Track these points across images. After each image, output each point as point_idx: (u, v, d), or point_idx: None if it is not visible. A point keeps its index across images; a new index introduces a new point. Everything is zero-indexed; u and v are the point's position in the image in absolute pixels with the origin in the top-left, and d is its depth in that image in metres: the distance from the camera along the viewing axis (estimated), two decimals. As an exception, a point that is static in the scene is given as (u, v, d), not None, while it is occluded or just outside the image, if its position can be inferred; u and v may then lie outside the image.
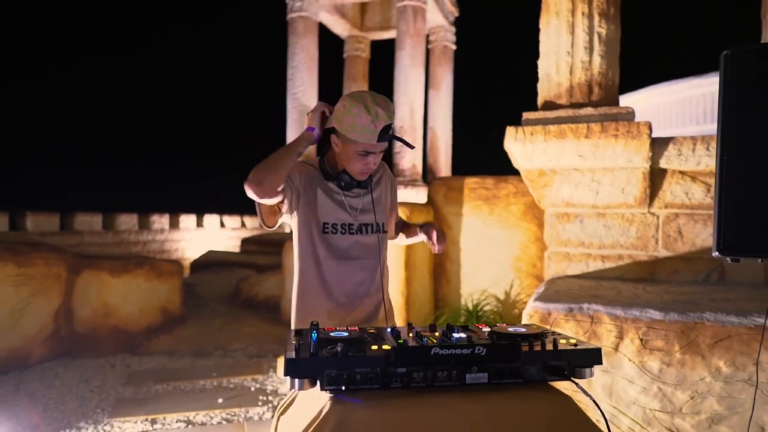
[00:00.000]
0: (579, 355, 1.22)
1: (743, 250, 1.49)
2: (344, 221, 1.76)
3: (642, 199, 3.90)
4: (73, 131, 32.38)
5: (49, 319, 4.65)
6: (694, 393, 2.81)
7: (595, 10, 4.05)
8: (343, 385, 1.13)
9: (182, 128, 34.71)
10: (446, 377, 1.17)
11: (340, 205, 1.76)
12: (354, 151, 1.65)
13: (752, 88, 1.48)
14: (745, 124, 1.48)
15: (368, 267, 1.79)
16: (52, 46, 34.28)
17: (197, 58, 39.11)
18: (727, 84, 1.51)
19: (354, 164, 1.68)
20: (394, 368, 1.14)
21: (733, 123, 1.50)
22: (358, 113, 1.61)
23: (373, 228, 1.80)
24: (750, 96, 1.48)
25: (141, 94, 35.80)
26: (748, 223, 1.48)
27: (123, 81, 36.28)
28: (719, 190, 1.51)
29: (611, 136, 3.77)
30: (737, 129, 1.49)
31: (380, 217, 1.82)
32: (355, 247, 1.77)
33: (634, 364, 2.93)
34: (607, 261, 4.09)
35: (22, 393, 3.86)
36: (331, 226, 1.74)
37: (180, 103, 35.64)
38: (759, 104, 1.46)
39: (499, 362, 1.17)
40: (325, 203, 1.74)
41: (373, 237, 1.80)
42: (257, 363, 4.71)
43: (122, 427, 3.27)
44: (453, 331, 1.34)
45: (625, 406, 2.94)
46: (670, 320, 2.92)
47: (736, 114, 1.50)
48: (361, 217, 1.79)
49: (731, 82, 1.51)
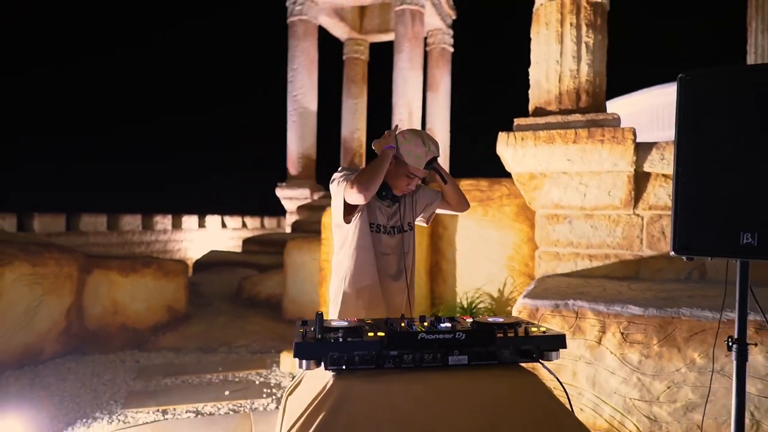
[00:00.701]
0: (546, 341, 1.42)
1: (695, 250, 1.70)
2: (380, 223, 2.20)
3: (627, 201, 4.11)
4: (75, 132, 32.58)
5: (61, 317, 4.84)
6: (671, 383, 3.01)
7: (583, 21, 4.25)
8: (343, 365, 1.33)
9: (183, 129, 34.94)
10: (432, 359, 1.36)
11: (378, 210, 2.20)
12: (404, 172, 2.08)
13: (703, 108, 1.69)
14: (697, 140, 1.68)
15: (395, 260, 2.23)
16: (56, 46, 34.47)
17: (199, 61, 39.35)
18: (681, 104, 1.72)
19: (400, 182, 2.11)
20: (387, 351, 1.34)
21: (686, 138, 1.70)
22: (416, 144, 2.05)
23: (396, 230, 2.24)
24: (701, 115, 1.68)
25: (144, 96, 36.02)
26: (700, 227, 1.68)
27: (124, 80, 36.52)
28: (675, 197, 1.71)
29: (597, 142, 3.98)
30: (690, 144, 1.69)
31: (404, 221, 2.27)
32: (388, 244, 2.21)
33: (615, 356, 3.13)
34: (594, 260, 4.30)
35: (38, 386, 4.06)
36: (376, 226, 2.19)
37: (182, 105, 35.87)
38: (708, 122, 1.67)
39: (477, 346, 1.37)
40: (373, 207, 2.19)
41: (397, 237, 2.23)
42: (261, 359, 4.91)
43: (135, 417, 3.47)
44: (440, 321, 1.54)
45: (607, 395, 3.14)
46: (649, 315, 3.12)
47: (689, 131, 1.70)
48: (391, 221, 2.23)
49: (686, 102, 1.72)
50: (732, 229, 1.60)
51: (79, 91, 33.53)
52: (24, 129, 31.65)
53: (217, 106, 37.72)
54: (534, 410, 1.26)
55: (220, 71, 40.26)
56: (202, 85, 38.38)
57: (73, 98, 33.25)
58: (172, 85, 36.49)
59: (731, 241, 1.61)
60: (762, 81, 1.54)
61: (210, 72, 39.93)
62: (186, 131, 35.23)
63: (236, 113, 36.75)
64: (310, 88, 12.12)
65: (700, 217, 1.67)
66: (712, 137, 1.66)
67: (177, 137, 33.96)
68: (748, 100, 1.57)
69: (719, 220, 1.63)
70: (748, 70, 1.65)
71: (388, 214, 2.23)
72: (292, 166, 11.74)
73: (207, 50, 39.26)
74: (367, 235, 2.16)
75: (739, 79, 1.60)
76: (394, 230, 2.24)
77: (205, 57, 40.50)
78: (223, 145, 36.55)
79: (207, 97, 37.69)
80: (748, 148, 1.56)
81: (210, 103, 37.50)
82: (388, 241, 2.21)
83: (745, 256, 1.62)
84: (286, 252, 6.56)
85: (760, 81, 1.54)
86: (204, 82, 39.15)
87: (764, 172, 1.52)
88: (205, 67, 39.91)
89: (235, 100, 37.79)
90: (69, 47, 34.70)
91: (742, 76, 1.60)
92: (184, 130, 35.05)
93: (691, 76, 1.72)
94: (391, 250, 2.22)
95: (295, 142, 11.78)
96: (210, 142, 36.86)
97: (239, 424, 3.36)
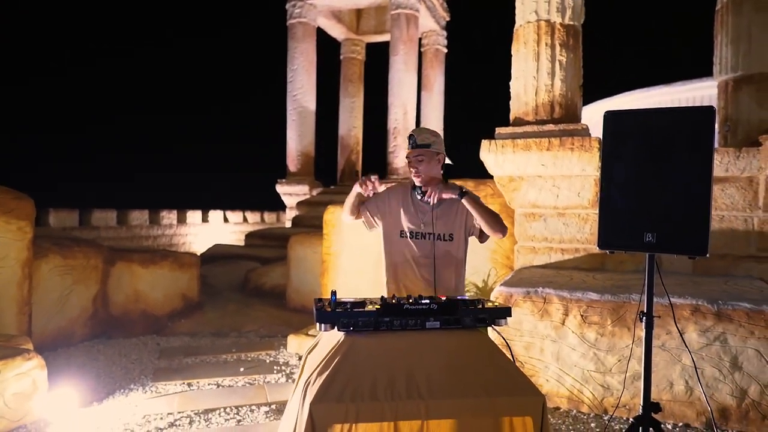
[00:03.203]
0: (496, 311, 1.97)
1: (615, 245, 2.25)
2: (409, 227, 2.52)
3: (594, 201, 4.66)
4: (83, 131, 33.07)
5: (89, 303, 5.38)
6: (621, 357, 3.58)
7: (557, 41, 4.78)
8: (351, 327, 1.87)
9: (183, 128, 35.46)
10: (414, 324, 1.91)
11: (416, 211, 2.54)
12: (407, 163, 2.53)
13: (620, 138, 2.23)
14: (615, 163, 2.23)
15: (428, 264, 2.48)
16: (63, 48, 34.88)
17: (203, 62, 39.91)
18: (606, 135, 2.26)
19: (412, 174, 2.50)
20: (381, 318, 1.89)
21: (609, 163, 2.25)
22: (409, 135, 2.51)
23: (432, 236, 2.49)
24: (618, 144, 2.23)
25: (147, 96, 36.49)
26: (619, 228, 2.23)
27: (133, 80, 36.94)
28: (600, 206, 2.26)
29: (568, 149, 4.52)
30: (612, 167, 2.24)
31: (438, 229, 2.49)
32: (422, 249, 2.50)
33: (576, 335, 3.69)
34: (566, 253, 4.86)
35: (74, 365, 4.59)
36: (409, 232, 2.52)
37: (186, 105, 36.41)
38: (623, 149, 2.21)
39: (446, 315, 1.92)
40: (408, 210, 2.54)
41: (429, 242, 2.48)
42: (269, 342, 5.46)
43: (165, 388, 4.02)
44: (422, 299, 2.09)
45: (569, 368, 3.70)
46: (605, 300, 3.69)
47: (612, 157, 2.25)
48: (425, 227, 2.50)
49: (609, 134, 2.26)
50: (639, 230, 2.15)
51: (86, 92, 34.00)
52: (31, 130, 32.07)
53: (219, 106, 38.23)
54: (484, 356, 1.81)
55: (221, 72, 40.74)
56: (205, 86, 38.88)
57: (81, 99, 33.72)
58: (178, 87, 37.00)
59: (638, 239, 2.16)
60: (649, 121, 2.11)
61: (212, 73, 40.45)
62: (187, 130, 35.77)
63: (238, 112, 37.28)
64: (309, 88, 12.62)
65: (617, 221, 2.22)
66: (625, 160, 2.21)
67: (181, 135, 34.50)
68: (646, 133, 2.12)
69: (630, 223, 2.18)
70: (644, 113, 2.19)
71: (424, 219, 2.50)
72: (292, 163, 12.25)
73: (210, 53, 39.78)
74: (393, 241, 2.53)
75: (641, 118, 2.15)
76: (428, 236, 2.49)
77: (208, 59, 40.99)
78: (225, 143, 37.06)
79: (210, 97, 38.24)
80: (646, 169, 2.12)
81: (212, 102, 38.03)
82: (420, 245, 2.49)
83: (649, 250, 2.17)
84: (290, 246, 7.10)
85: (649, 121, 2.11)
86: (207, 82, 39.66)
87: (656, 189, 2.08)
88: (207, 68, 40.36)
89: (237, 100, 38.34)
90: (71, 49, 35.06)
91: (642, 117, 2.16)
92: (185, 130, 35.57)
93: (613, 114, 2.27)
94: (421, 255, 2.48)
95: (294, 140, 12.29)
96: (212, 140, 37.36)
97: (256, 393, 3.92)
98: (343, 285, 5.63)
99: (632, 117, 2.21)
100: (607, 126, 2.25)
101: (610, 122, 2.25)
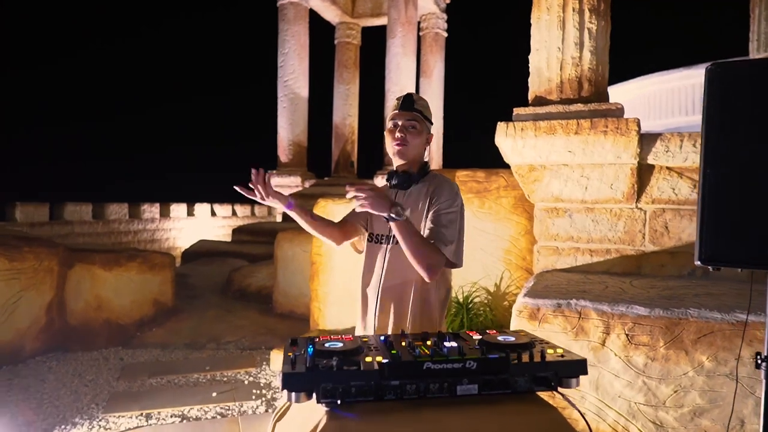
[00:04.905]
0: (565, 366, 1.26)
1: (722, 260, 1.54)
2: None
3: (630, 194, 3.96)
4: (62, 121, 32.01)
5: (41, 313, 4.65)
6: (678, 387, 2.90)
7: (586, 6, 4.06)
8: (338, 398, 1.16)
9: (171, 116, 34.41)
10: (438, 389, 1.21)
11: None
12: (388, 130, 1.86)
13: (735, 103, 1.52)
14: (728, 138, 1.52)
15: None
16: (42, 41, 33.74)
17: (187, 47, 38.73)
18: (711, 98, 1.55)
19: (390, 146, 1.84)
20: (387, 381, 1.18)
21: (716, 136, 1.54)
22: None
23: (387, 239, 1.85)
24: (732, 110, 1.52)
25: (130, 83, 35.41)
26: (728, 235, 1.53)
27: (112, 70, 35.85)
28: (701, 201, 1.56)
29: (600, 133, 3.82)
30: (720, 142, 1.53)
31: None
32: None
33: (620, 358, 3.00)
34: (595, 255, 4.16)
35: (16, 388, 3.88)
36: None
37: (169, 92, 35.28)
38: (741, 118, 1.51)
39: (489, 375, 1.22)
40: None
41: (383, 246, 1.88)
42: (250, 356, 4.76)
43: (117, 423, 3.31)
44: (444, 339, 1.38)
45: (611, 399, 3.02)
46: (655, 316, 2.99)
47: (719, 127, 1.54)
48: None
49: (715, 95, 1.55)
50: (761, 237, 1.45)
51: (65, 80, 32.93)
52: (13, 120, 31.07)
53: (206, 95, 37.23)
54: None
55: (209, 58, 39.67)
56: (192, 72, 37.85)
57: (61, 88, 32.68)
58: (161, 73, 35.98)
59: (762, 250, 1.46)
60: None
61: (200, 59, 39.32)
62: (175, 119, 34.78)
63: (226, 100, 36.28)
64: (301, 73, 11.87)
65: (730, 224, 1.51)
66: (739, 137, 1.50)
67: (166, 125, 33.52)
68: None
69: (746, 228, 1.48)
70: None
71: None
72: (283, 154, 11.52)
73: (196, 37, 38.62)
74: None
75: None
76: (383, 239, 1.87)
77: (195, 44, 39.88)
78: (213, 133, 36.13)
79: (197, 84, 37.20)
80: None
81: (199, 91, 37.00)
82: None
83: (780, 268, 1.47)
84: (277, 243, 6.38)
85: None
86: (194, 69, 38.60)
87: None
88: (194, 55, 39.30)
89: (225, 86, 37.34)
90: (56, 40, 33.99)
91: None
92: (174, 118, 34.58)
93: (720, 67, 1.55)
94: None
95: (285, 129, 11.55)
96: (200, 129, 36.42)
97: (227, 430, 3.21)
98: (336, 286, 4.95)
99: (755, 70, 1.49)
100: (712, 86, 1.54)
101: (716, 79, 1.54)
